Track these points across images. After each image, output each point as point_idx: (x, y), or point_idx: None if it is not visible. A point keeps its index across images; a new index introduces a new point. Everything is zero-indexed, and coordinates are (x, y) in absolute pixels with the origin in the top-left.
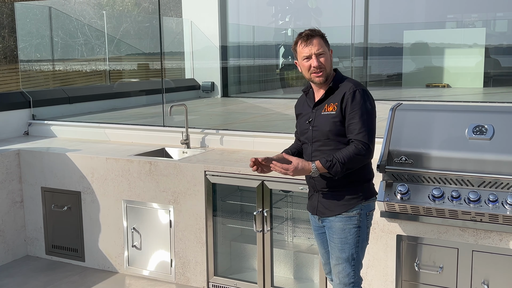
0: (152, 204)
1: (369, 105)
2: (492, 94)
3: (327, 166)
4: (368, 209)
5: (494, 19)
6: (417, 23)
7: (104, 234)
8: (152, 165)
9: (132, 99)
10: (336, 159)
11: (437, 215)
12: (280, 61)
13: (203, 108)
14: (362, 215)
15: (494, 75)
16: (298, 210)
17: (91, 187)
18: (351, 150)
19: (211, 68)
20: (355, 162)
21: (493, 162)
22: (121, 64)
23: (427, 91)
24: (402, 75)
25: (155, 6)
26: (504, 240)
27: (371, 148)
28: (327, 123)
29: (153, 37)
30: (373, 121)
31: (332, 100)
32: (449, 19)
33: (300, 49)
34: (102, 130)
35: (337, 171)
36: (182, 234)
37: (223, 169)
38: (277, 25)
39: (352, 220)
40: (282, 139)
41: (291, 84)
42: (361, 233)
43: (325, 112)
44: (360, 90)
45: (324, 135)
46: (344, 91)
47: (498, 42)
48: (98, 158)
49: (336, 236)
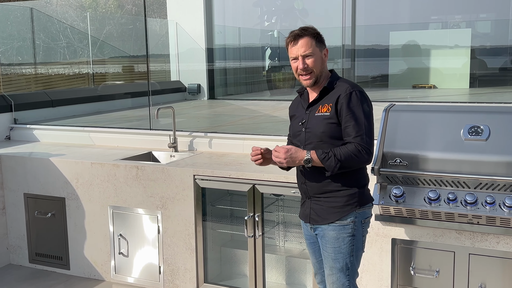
0: (139, 210)
1: (366, 107)
2: (479, 94)
3: (321, 158)
4: (363, 216)
5: (477, 20)
6: (402, 24)
7: (89, 241)
8: (139, 169)
9: (117, 102)
10: (332, 153)
11: (433, 218)
12: (267, 63)
13: (189, 110)
14: (356, 223)
15: (480, 76)
16: (289, 214)
17: (76, 193)
18: (351, 149)
19: (197, 70)
20: (352, 162)
21: (490, 163)
22: (105, 66)
23: (413, 92)
24: (388, 76)
25: (139, 8)
26: (501, 243)
27: (372, 152)
28: (320, 125)
29: (137, 39)
30: (371, 124)
31: (327, 101)
32: (433, 20)
33: (289, 49)
34: (87, 134)
35: (331, 165)
36: (170, 240)
37: (213, 173)
38: (264, 26)
39: (346, 228)
40: (272, 142)
41: (278, 86)
42: (356, 242)
43: (318, 113)
44: (357, 92)
45: (317, 137)
46: (339, 92)
47: (482, 43)
48: (83, 163)
49: (329, 246)
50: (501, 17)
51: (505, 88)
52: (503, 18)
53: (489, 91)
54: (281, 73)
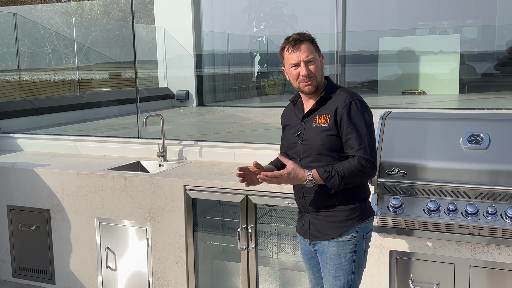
0: (127, 222)
1: (367, 116)
2: (470, 100)
3: (324, 177)
4: (365, 230)
5: (464, 26)
6: (391, 30)
7: (75, 254)
8: (127, 180)
9: (103, 110)
10: (335, 171)
11: (433, 229)
12: (256, 69)
13: (178, 118)
14: (358, 238)
15: (469, 82)
16: (283, 225)
17: (61, 205)
18: (354, 164)
19: (186, 77)
20: (356, 178)
21: (491, 173)
22: (91, 73)
23: (403, 98)
24: (378, 82)
25: (125, 14)
26: (503, 254)
27: (375, 165)
28: (318, 137)
29: (123, 45)
30: (373, 135)
31: (324, 111)
32: (421, 26)
33: (287, 55)
34: (72, 143)
35: (334, 184)
36: (160, 253)
37: (204, 183)
38: (252, 32)
39: (347, 244)
40: (264, 150)
41: (267, 93)
42: (358, 257)
43: (316, 125)
44: (357, 101)
45: (315, 150)
46: (338, 102)
47: (469, 49)
48: (69, 173)
49: (330, 262)
50: (487, 23)
51: (494, 94)
52: (490, 24)
53: (479, 97)
54: (270, 80)
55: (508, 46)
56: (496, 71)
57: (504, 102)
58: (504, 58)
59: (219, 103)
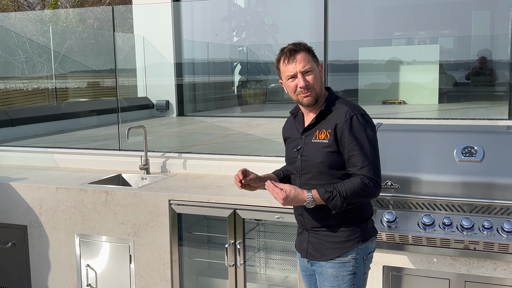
0: (109, 238)
1: (370, 132)
2: (450, 110)
3: (325, 198)
4: (365, 252)
5: (441, 36)
6: (370, 40)
7: (54, 272)
8: (108, 194)
9: (82, 120)
10: (337, 191)
11: (428, 244)
12: (236, 79)
13: (159, 128)
14: (358, 260)
15: (448, 91)
16: (271, 240)
17: (39, 220)
18: (356, 184)
19: (165, 86)
20: (359, 198)
21: (486, 186)
22: (67, 82)
23: (384, 108)
24: (358, 91)
25: (101, 23)
26: (498, 269)
27: (379, 184)
28: (318, 154)
29: (99, 54)
30: (376, 151)
31: (325, 126)
32: (398, 36)
33: (284, 67)
34: (50, 155)
35: (336, 205)
36: (143, 270)
37: (190, 198)
38: (234, 41)
39: (346, 266)
40: (251, 162)
41: (249, 102)
42: (357, 280)
43: (316, 140)
44: (358, 115)
45: (315, 167)
46: (338, 116)
47: (446, 59)
48: (47, 188)
49: (327, 284)
50: (463, 34)
51: (474, 103)
52: (465, 35)
53: (459, 107)
54: (251, 89)
55: (478, 56)
56: (467, 81)
57: (484, 112)
58: (475, 68)
59: (199, 113)
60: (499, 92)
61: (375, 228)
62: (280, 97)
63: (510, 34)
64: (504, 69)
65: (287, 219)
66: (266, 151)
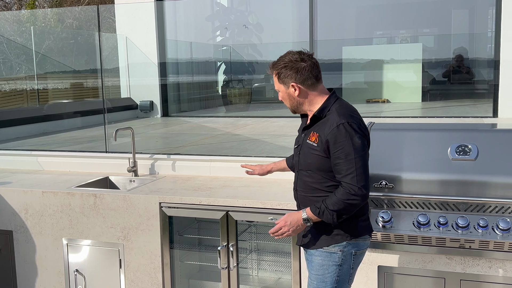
0: (98, 243)
1: (357, 140)
2: (434, 108)
3: (316, 213)
4: (355, 247)
5: (421, 35)
6: (350, 39)
7: (41, 278)
8: (97, 198)
9: (65, 122)
10: (324, 206)
11: (423, 243)
12: (221, 78)
13: (144, 129)
14: (345, 253)
15: (430, 89)
16: (263, 241)
17: (25, 225)
18: (340, 196)
19: (149, 86)
20: (348, 208)
21: (480, 184)
22: (47, 83)
23: (368, 107)
24: (342, 90)
25: (80, 23)
26: (493, 267)
27: (364, 191)
28: (309, 155)
29: (78, 54)
30: (362, 158)
31: (317, 130)
32: (380, 35)
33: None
34: (35, 158)
35: (328, 218)
36: (134, 275)
37: (181, 200)
38: (217, 41)
39: (332, 257)
40: (240, 163)
41: (233, 102)
42: (342, 273)
43: (309, 141)
44: (345, 124)
45: (307, 166)
46: (328, 123)
47: (428, 57)
48: (33, 192)
49: (313, 272)
50: (443, 32)
51: (457, 102)
52: (445, 33)
53: (442, 105)
54: (236, 89)
55: (455, 54)
56: (444, 79)
57: (468, 110)
58: (452, 66)
59: (184, 113)
60: (480, 90)
61: (370, 227)
62: (264, 97)
63: (490, 32)
64: (483, 67)
65: None
66: (256, 152)
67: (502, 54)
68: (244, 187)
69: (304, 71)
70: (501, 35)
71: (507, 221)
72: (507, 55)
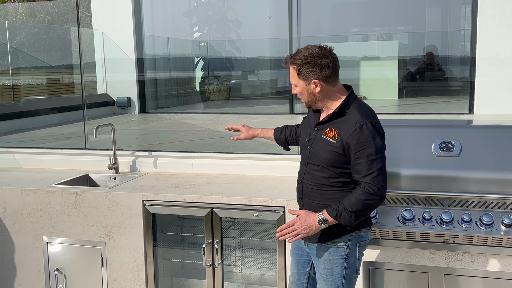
0: (79, 241)
1: (379, 140)
2: (411, 105)
3: (334, 215)
4: (358, 239)
5: (396, 32)
6: (326, 36)
7: (20, 278)
8: (78, 196)
9: (41, 118)
10: (342, 207)
11: (407, 238)
12: (199, 75)
13: (121, 126)
14: (350, 246)
15: (406, 86)
16: (247, 238)
17: (3, 224)
18: (358, 196)
19: (126, 82)
20: (366, 209)
21: (464, 180)
22: (19, 78)
23: None
24: None
25: (52, 17)
26: (476, 262)
27: (383, 192)
28: (324, 150)
29: (51, 49)
30: (383, 160)
31: (335, 126)
32: (354, 32)
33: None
34: (11, 155)
35: (346, 220)
36: (116, 273)
37: (165, 197)
38: (196, 36)
39: (338, 251)
40: (224, 160)
41: (212, 98)
42: (350, 264)
43: (325, 136)
44: (368, 125)
45: (319, 160)
46: (350, 123)
47: (404, 54)
48: (11, 190)
49: (322, 266)
50: (417, 30)
51: (434, 98)
52: (419, 31)
53: (418, 101)
54: (215, 85)
55: (425, 52)
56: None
57: (444, 106)
58: (423, 63)
59: (161, 109)
60: (454, 87)
61: (371, 220)
62: (240, 93)
63: (462, 30)
64: (456, 65)
65: (265, 217)
66: (239, 148)
67: (478, 51)
68: (229, 184)
69: (328, 68)
70: (477, 33)
71: (490, 215)
72: (483, 52)
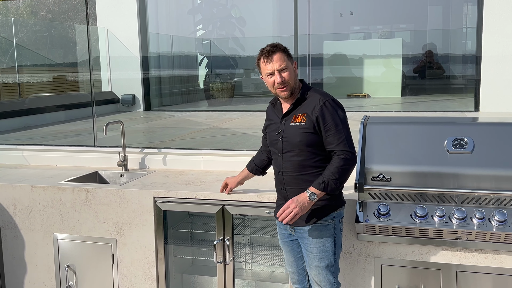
0: (90, 238)
1: (341, 112)
2: (415, 103)
3: (321, 188)
4: (340, 216)
5: (398, 30)
6: (329, 34)
7: (30, 275)
8: (89, 192)
9: (47, 116)
10: (327, 178)
11: (420, 235)
12: (203, 72)
13: (127, 123)
14: (336, 223)
15: (409, 84)
16: (257, 235)
17: (14, 221)
18: (337, 163)
19: (131, 80)
20: (345, 174)
21: (477, 176)
22: (23, 76)
23: (349, 101)
24: (323, 85)
25: (53, 15)
26: (489, 259)
27: (354, 153)
28: (297, 134)
29: (52, 47)
30: (347, 128)
31: (301, 111)
32: (356, 30)
33: (263, 66)
34: (20, 152)
35: (333, 188)
36: (127, 270)
37: (176, 194)
38: (200, 34)
39: (328, 228)
40: (232, 157)
41: (216, 96)
42: (337, 240)
43: (294, 123)
44: (330, 101)
45: (294, 145)
46: (313, 102)
47: (406, 52)
48: (21, 186)
49: (313, 246)
50: (419, 28)
51: (438, 96)
52: (421, 29)
53: (421, 99)
54: (219, 83)
55: (424, 50)
56: (414, 74)
57: (448, 104)
58: (423, 62)
59: (166, 107)
60: (456, 85)
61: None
62: (241, 91)
63: (464, 28)
64: (458, 63)
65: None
66: (247, 145)
67: (484, 49)
68: None
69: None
70: (482, 31)
71: (503, 212)
72: (488, 50)
